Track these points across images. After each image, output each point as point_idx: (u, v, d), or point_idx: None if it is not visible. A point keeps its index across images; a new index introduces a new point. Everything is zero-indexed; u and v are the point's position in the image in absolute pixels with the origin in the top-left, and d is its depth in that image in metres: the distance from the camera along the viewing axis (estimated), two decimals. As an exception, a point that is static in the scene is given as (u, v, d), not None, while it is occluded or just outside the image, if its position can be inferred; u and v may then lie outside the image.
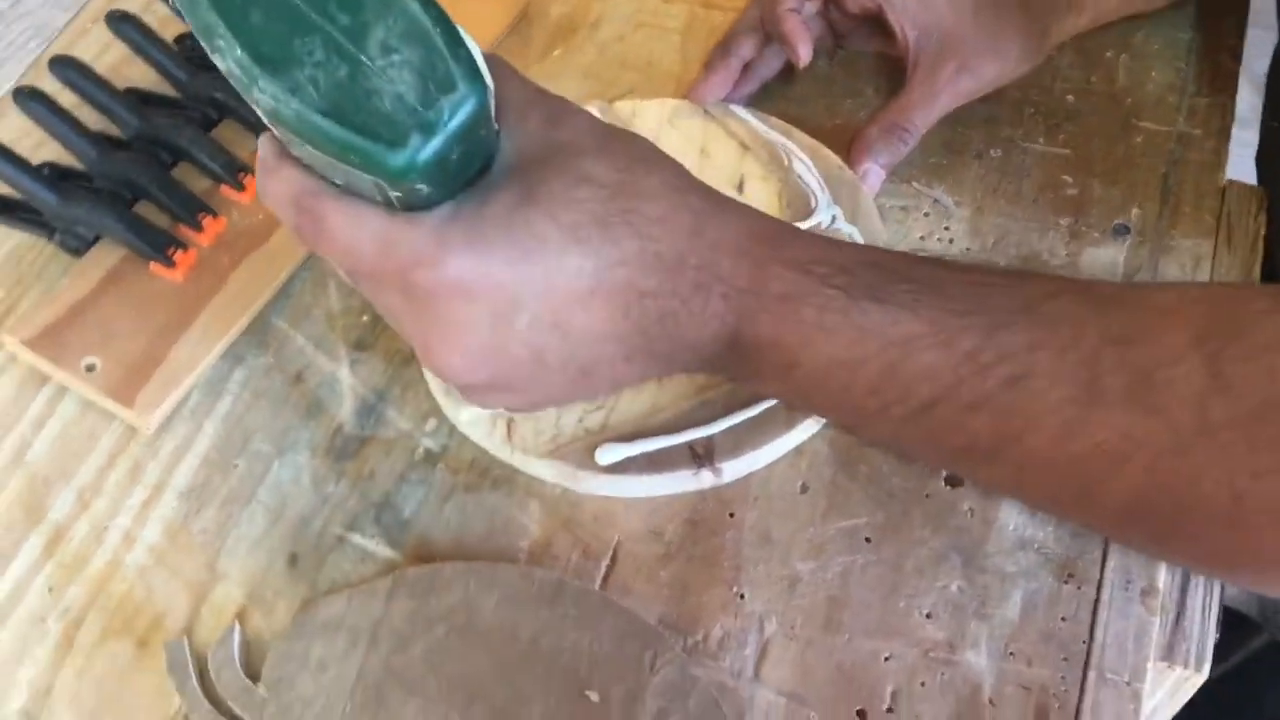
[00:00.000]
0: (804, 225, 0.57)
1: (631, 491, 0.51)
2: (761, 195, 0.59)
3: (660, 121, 0.62)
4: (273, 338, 0.56)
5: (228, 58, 0.35)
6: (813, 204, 0.58)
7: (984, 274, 0.40)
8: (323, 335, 0.56)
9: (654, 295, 0.39)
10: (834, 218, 0.58)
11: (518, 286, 0.38)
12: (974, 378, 0.37)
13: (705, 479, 0.51)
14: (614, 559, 0.50)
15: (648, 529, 0.50)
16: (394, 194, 0.37)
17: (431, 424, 0.53)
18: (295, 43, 0.35)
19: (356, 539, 0.50)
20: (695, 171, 0.59)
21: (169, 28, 0.64)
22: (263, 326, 0.56)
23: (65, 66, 0.57)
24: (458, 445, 0.53)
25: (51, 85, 0.59)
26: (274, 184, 0.39)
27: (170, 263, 0.55)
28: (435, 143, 0.35)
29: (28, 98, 0.55)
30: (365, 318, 0.57)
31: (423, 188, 0.37)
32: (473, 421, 0.52)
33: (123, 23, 0.59)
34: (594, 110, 0.62)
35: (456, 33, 0.36)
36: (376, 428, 0.53)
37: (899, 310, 0.38)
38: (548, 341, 0.39)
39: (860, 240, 0.57)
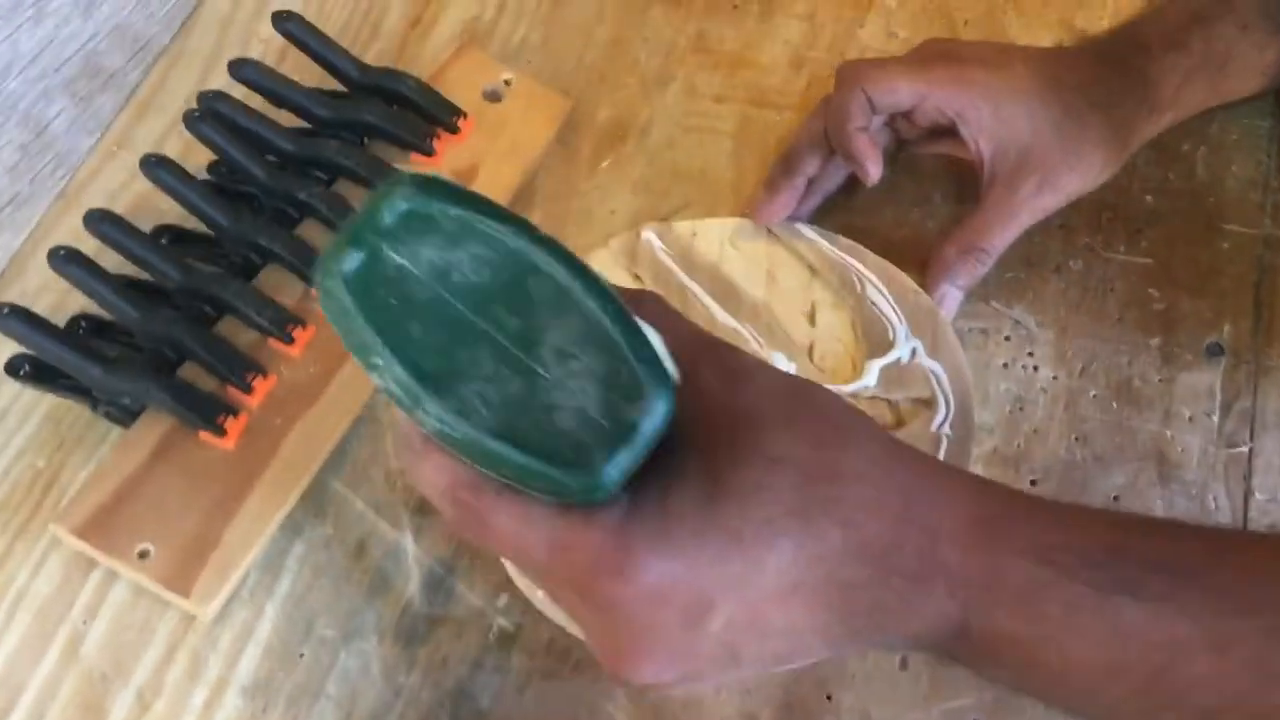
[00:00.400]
0: (883, 361, 0.54)
1: None
2: (835, 326, 0.56)
3: (722, 242, 0.59)
4: (330, 504, 0.53)
5: (386, 377, 0.32)
6: (890, 336, 0.55)
7: (1244, 554, 0.36)
8: (383, 498, 0.53)
9: (864, 587, 0.35)
10: (914, 351, 0.55)
11: (710, 590, 0.33)
12: (1262, 688, 0.33)
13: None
14: (707, 751, 0.47)
15: (741, 715, 0.48)
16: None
17: (504, 599, 0.51)
18: (461, 355, 0.31)
19: (434, 736, 0.48)
20: (763, 298, 0.58)
21: (196, 154, 0.61)
22: (319, 490, 0.54)
23: (100, 221, 0.54)
24: (533, 623, 0.50)
25: (70, 231, 0.56)
26: (423, 471, 0.35)
27: (221, 431, 0.52)
28: (624, 459, 0.31)
29: (65, 261, 0.52)
30: (426, 477, 0.54)
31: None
32: (548, 605, 0.49)
33: (158, 168, 0.56)
34: (652, 235, 0.59)
35: (635, 324, 0.32)
36: (446, 605, 0.51)
37: (1159, 607, 0.34)
38: (743, 640, 0.35)
39: (944, 376, 0.54)
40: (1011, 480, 0.53)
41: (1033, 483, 0.53)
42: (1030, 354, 0.57)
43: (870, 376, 0.54)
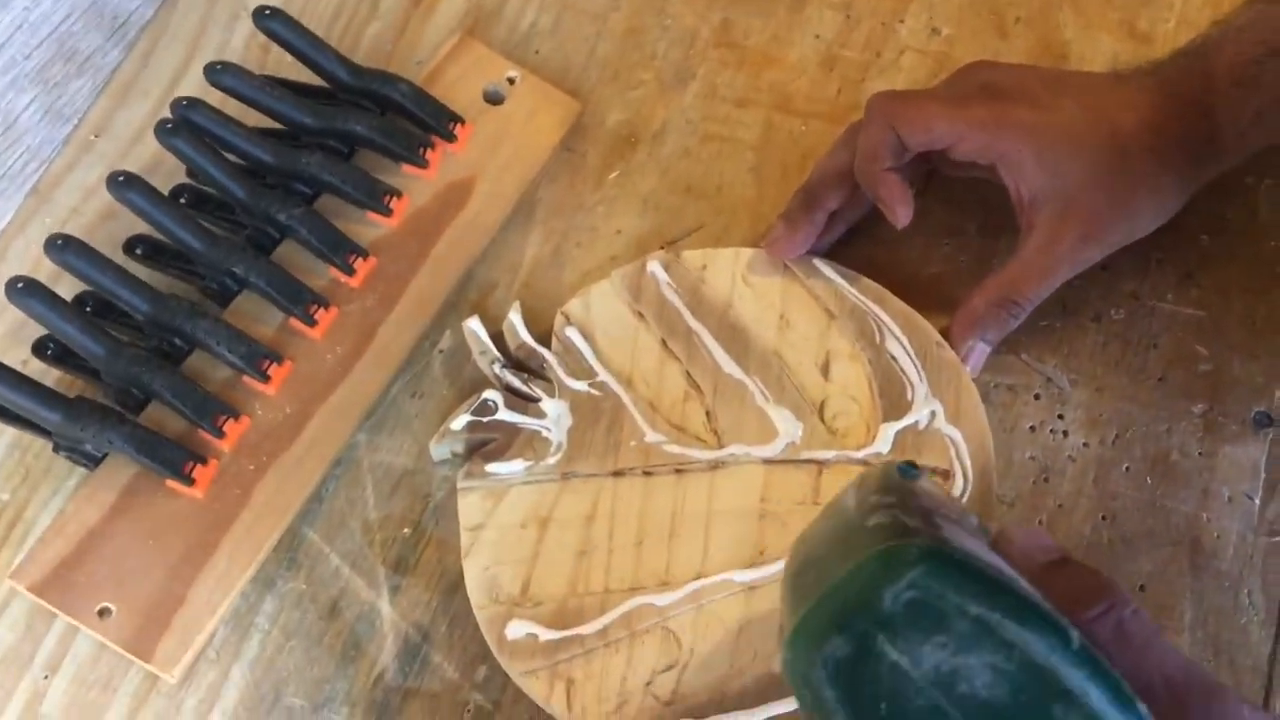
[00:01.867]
0: (899, 425, 0.50)
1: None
2: (850, 379, 0.52)
3: (734, 277, 0.55)
4: (304, 555, 0.51)
5: None
6: (909, 396, 0.51)
7: None
8: (359, 552, 0.51)
9: None
10: (933, 415, 0.51)
11: None
12: None
13: None
14: None
15: (727, 816, 0.45)
16: None
17: (482, 672, 0.48)
18: None
19: (401, 824, 0.45)
20: (774, 345, 0.53)
21: (171, 175, 0.57)
22: (293, 539, 0.51)
23: (63, 250, 0.50)
24: (511, 701, 0.48)
25: (41, 233, 0.52)
26: None
27: (189, 481, 0.49)
28: None
29: (24, 294, 0.49)
30: (406, 530, 0.51)
31: None
32: (528, 681, 0.46)
33: (126, 188, 0.52)
34: (658, 268, 0.55)
35: (1122, 685, 0.28)
36: (421, 676, 0.48)
37: None
38: None
39: (963, 445, 0.50)
40: (1030, 564, 0.49)
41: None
42: (1060, 416, 0.53)
43: (884, 442, 0.50)
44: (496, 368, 0.52)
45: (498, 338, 0.53)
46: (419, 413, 0.53)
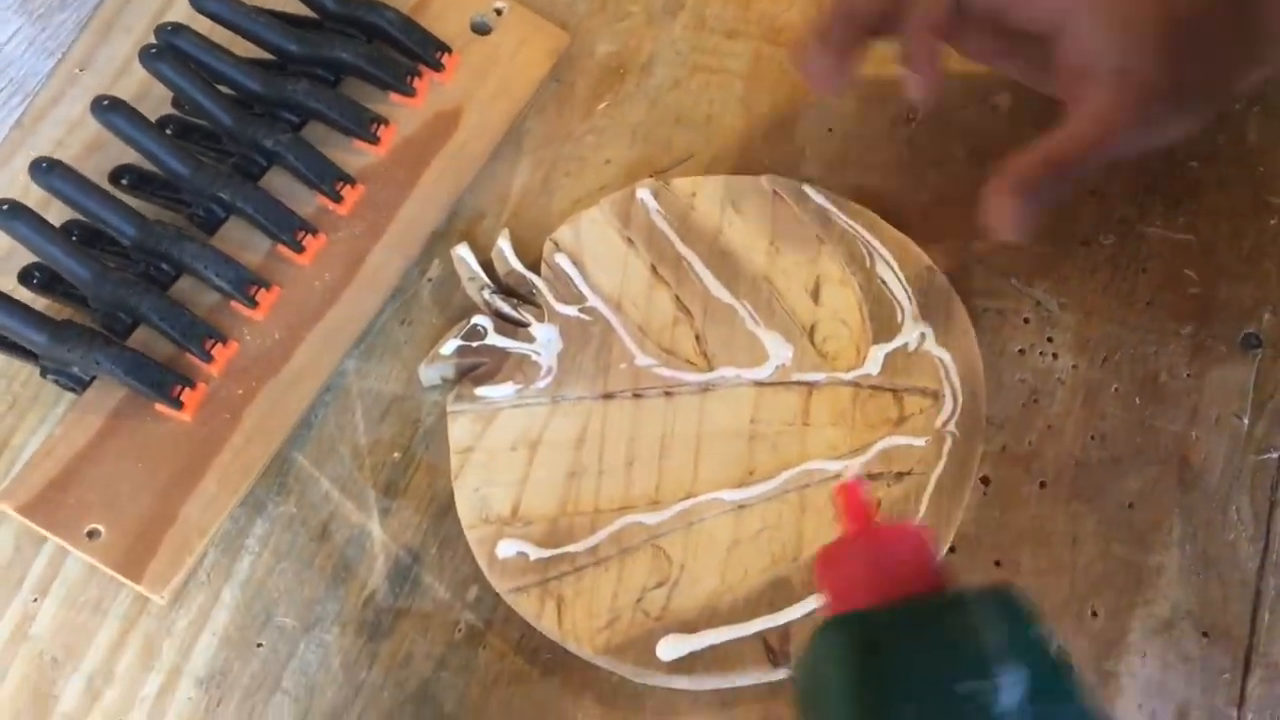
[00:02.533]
0: (889, 347, 0.50)
1: (701, 685, 0.46)
2: (840, 303, 0.52)
3: (724, 204, 0.55)
4: (294, 480, 0.50)
5: None
6: (898, 319, 0.51)
7: None
8: (349, 476, 0.50)
9: None
10: (923, 336, 0.51)
11: None
12: None
13: (782, 675, 0.45)
14: (679, 766, 0.45)
15: (716, 729, 0.45)
16: None
17: (474, 592, 0.48)
18: None
19: (393, 740, 0.46)
20: (764, 270, 0.53)
21: (157, 108, 0.56)
22: (282, 464, 0.51)
23: (49, 173, 0.50)
24: (503, 620, 0.48)
25: (21, 167, 0.52)
26: None
27: (177, 404, 0.49)
28: None
29: (9, 217, 0.48)
30: (396, 455, 0.51)
31: None
32: (518, 599, 0.46)
33: (112, 112, 0.51)
34: (648, 195, 0.55)
35: None
36: (412, 597, 0.48)
37: None
38: None
39: (953, 366, 0.50)
40: (1020, 483, 0.49)
41: (1042, 484, 0.49)
42: (1050, 340, 0.53)
43: (873, 364, 0.50)
44: (486, 294, 0.52)
45: (487, 265, 0.53)
46: (408, 340, 0.53)
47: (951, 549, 0.48)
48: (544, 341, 0.51)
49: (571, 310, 0.52)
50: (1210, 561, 0.48)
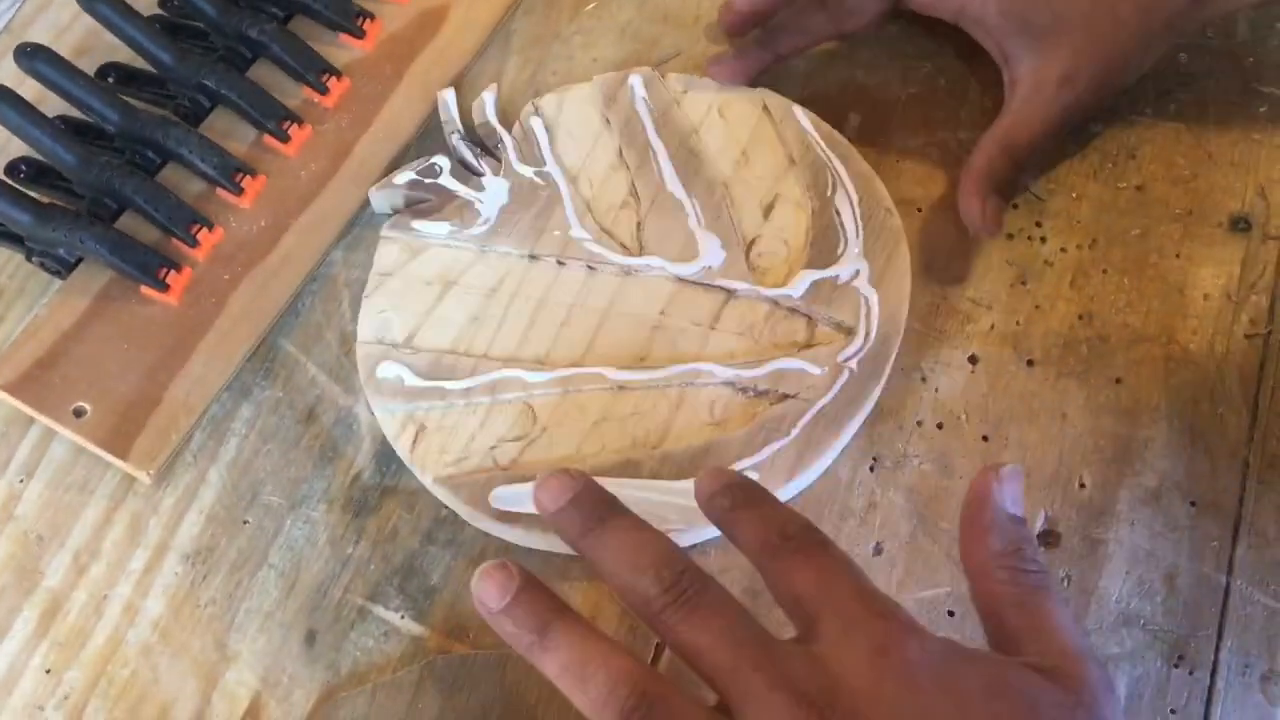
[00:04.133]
0: (818, 275, 0.50)
1: (526, 542, 0.46)
2: (788, 224, 0.51)
3: (710, 107, 0.54)
4: (280, 365, 0.50)
5: None
6: (839, 250, 0.50)
7: None
8: (335, 362, 0.50)
9: None
10: (857, 273, 0.50)
11: None
12: None
13: None
14: (665, 634, 0.44)
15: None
16: None
17: (459, 470, 0.48)
18: None
19: (379, 611, 0.45)
20: (725, 176, 0.53)
21: (146, 10, 0.56)
22: (269, 351, 0.51)
23: (33, 58, 0.50)
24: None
25: (10, 70, 0.52)
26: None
27: (163, 286, 0.49)
28: None
29: (-7, 99, 0.48)
30: (383, 340, 0.51)
31: None
32: (385, 418, 0.47)
33: (98, 2, 0.51)
34: (637, 82, 0.55)
35: None
36: (399, 476, 0.48)
37: None
38: None
39: (875, 307, 0.49)
40: (1008, 362, 0.49)
41: (1029, 363, 0.49)
42: (1038, 224, 0.52)
43: (798, 287, 0.49)
44: (455, 138, 0.53)
45: (468, 116, 0.54)
46: (395, 232, 0.53)
47: (939, 425, 0.48)
48: (491, 193, 0.52)
49: (527, 171, 0.52)
50: (1198, 435, 0.48)
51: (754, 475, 0.45)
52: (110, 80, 0.55)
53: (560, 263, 0.50)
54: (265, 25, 0.53)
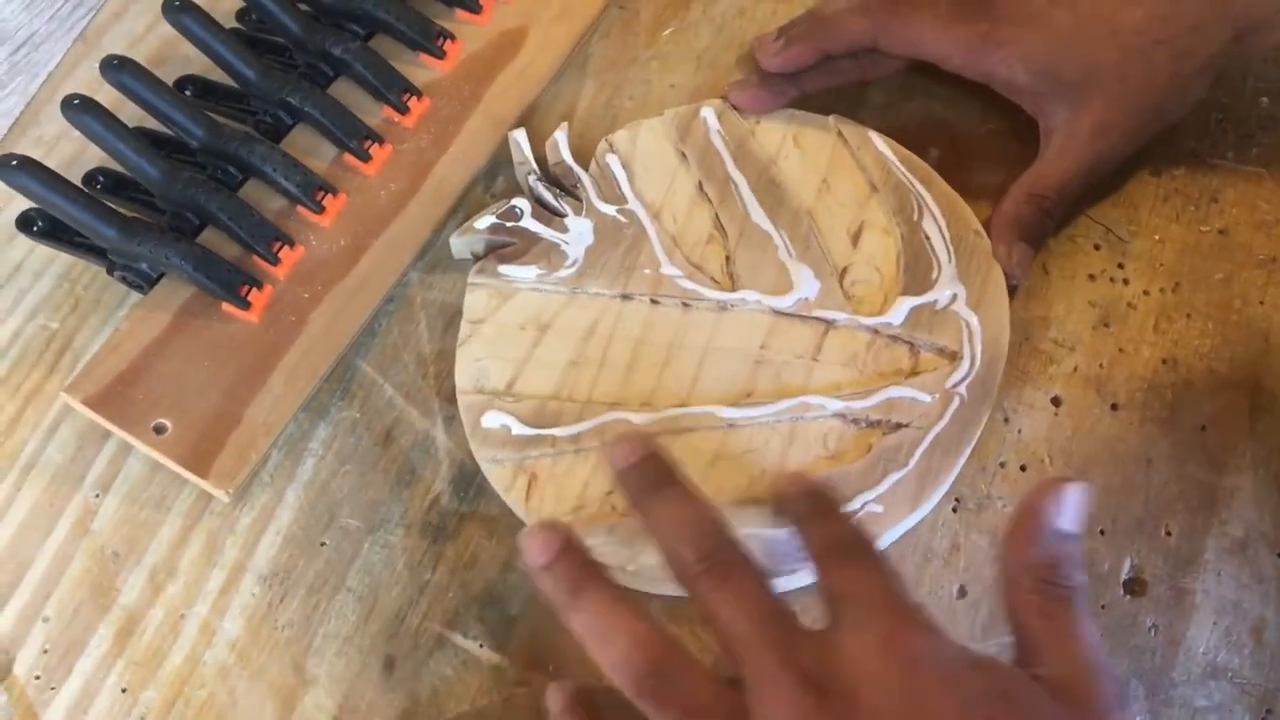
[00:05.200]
0: (917, 301, 0.49)
1: (648, 588, 0.45)
2: (878, 251, 0.51)
3: (785, 137, 0.54)
4: (358, 386, 0.50)
5: None
6: (934, 276, 0.50)
7: None
8: (413, 384, 0.50)
9: None
10: (954, 297, 0.49)
11: None
12: None
13: None
14: (746, 672, 0.44)
15: (784, 637, 0.45)
16: None
17: (538, 498, 0.48)
18: None
19: (458, 639, 0.45)
20: (810, 206, 0.53)
21: (225, 22, 0.56)
22: (346, 371, 0.50)
23: (120, 70, 0.49)
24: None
25: (85, 78, 0.52)
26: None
27: (245, 304, 0.49)
28: None
29: (79, 110, 0.48)
30: (460, 364, 0.50)
31: None
32: (493, 469, 0.47)
33: (182, 13, 0.51)
34: (710, 114, 0.54)
35: None
36: (477, 501, 0.48)
37: None
38: None
39: (978, 331, 0.49)
40: (1091, 405, 0.49)
41: (1114, 406, 0.49)
42: (1120, 266, 0.52)
43: (897, 314, 0.49)
44: (531, 179, 0.52)
45: (541, 156, 0.54)
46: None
47: (1022, 468, 0.48)
48: (576, 233, 0.51)
49: (610, 209, 0.52)
50: (1285, 485, 0.47)
51: (876, 508, 0.45)
52: (189, 93, 0.55)
53: (654, 301, 0.50)
54: (349, 44, 0.53)
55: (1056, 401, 0.49)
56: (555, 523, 0.39)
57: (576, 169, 0.53)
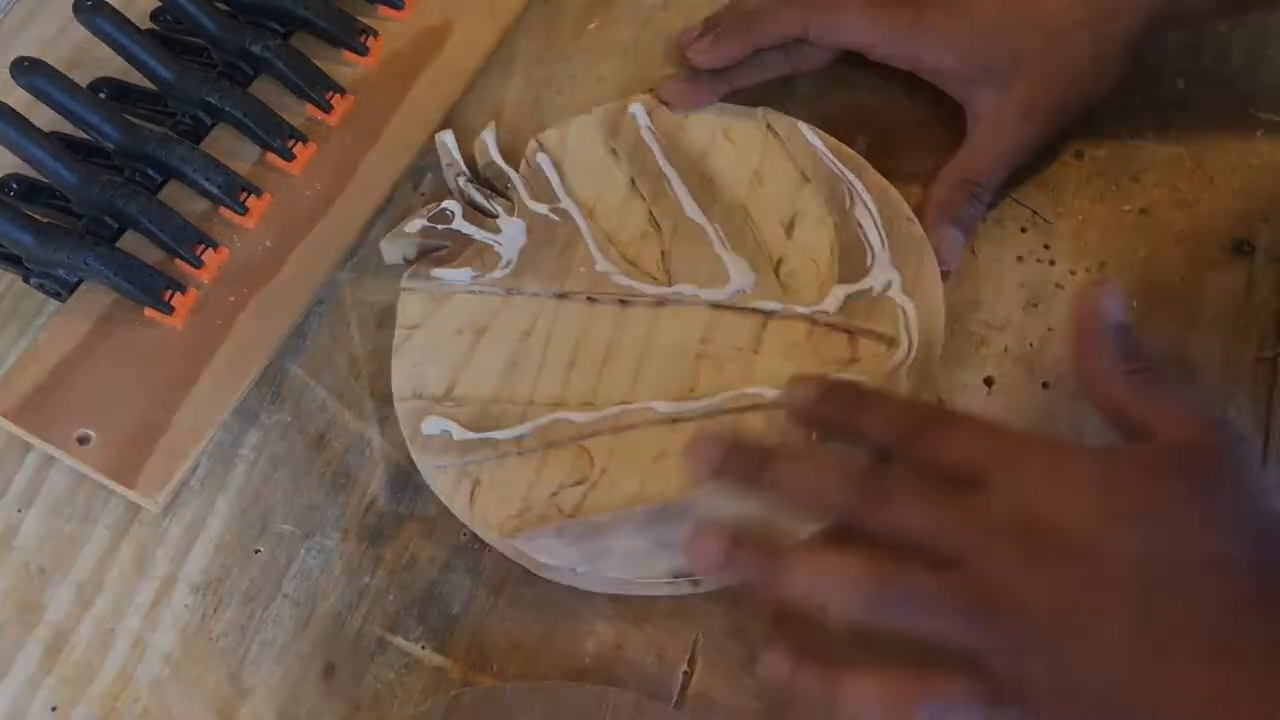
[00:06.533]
0: (851, 289, 0.49)
1: (598, 587, 0.45)
2: (812, 241, 0.51)
3: (714, 131, 0.54)
4: (289, 390, 0.49)
5: None
6: (868, 263, 0.50)
7: None
8: (346, 386, 0.49)
9: None
10: (889, 283, 0.50)
11: None
12: None
13: (682, 588, 0.44)
14: (692, 662, 0.44)
15: (730, 625, 0.45)
16: None
17: (477, 496, 0.47)
18: None
19: (399, 642, 0.44)
20: (742, 199, 0.53)
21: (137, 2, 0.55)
22: (276, 375, 0.49)
23: (31, 73, 0.48)
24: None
25: (4, 73, 0.50)
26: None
27: (168, 308, 0.48)
28: None
29: (-11, 115, 0.47)
30: (393, 363, 0.50)
31: None
32: (436, 476, 0.46)
33: (94, 13, 0.50)
34: (639, 110, 0.54)
35: None
36: (414, 502, 0.47)
37: None
38: None
39: (913, 315, 0.49)
40: (1023, 383, 0.49)
41: (1045, 385, 0.50)
42: (1047, 247, 0.53)
43: (832, 302, 0.49)
44: (461, 181, 0.52)
45: (469, 157, 0.53)
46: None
47: (957, 448, 0.48)
48: (509, 234, 0.51)
49: (542, 208, 0.51)
50: (1212, 456, 0.48)
51: None
52: (103, 95, 0.54)
53: (591, 299, 0.49)
54: (269, 41, 0.52)
55: (989, 382, 0.50)
56: (711, 525, 0.38)
57: (506, 168, 0.52)
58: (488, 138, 0.53)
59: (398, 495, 0.47)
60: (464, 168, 0.52)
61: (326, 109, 0.53)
